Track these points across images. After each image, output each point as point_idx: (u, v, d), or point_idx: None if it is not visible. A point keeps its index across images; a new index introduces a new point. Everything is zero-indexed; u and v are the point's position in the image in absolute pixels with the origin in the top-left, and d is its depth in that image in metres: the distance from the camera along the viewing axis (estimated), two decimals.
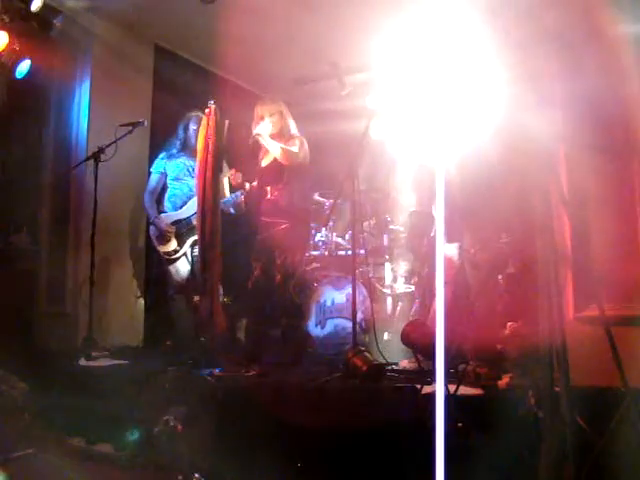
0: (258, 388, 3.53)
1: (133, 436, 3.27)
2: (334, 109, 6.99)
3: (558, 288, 2.75)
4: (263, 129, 4.48)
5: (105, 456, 3.48)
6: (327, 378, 3.52)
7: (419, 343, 3.74)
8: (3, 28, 4.68)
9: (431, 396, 2.98)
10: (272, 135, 4.53)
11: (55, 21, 5.06)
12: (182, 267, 5.11)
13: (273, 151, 4.52)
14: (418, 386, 3.04)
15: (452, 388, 2.97)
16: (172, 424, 2.89)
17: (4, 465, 3.30)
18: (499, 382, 3.45)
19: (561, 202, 2.80)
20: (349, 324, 5.15)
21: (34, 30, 4.95)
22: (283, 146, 4.49)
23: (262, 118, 4.59)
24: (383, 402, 3.05)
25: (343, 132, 6.63)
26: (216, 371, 3.92)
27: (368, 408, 3.03)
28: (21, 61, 4.93)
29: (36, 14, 4.84)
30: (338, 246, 5.59)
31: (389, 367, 3.79)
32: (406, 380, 3.45)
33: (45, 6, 4.83)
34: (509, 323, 3.80)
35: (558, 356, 2.68)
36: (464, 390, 3.16)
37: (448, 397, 2.99)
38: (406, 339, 3.85)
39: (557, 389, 2.59)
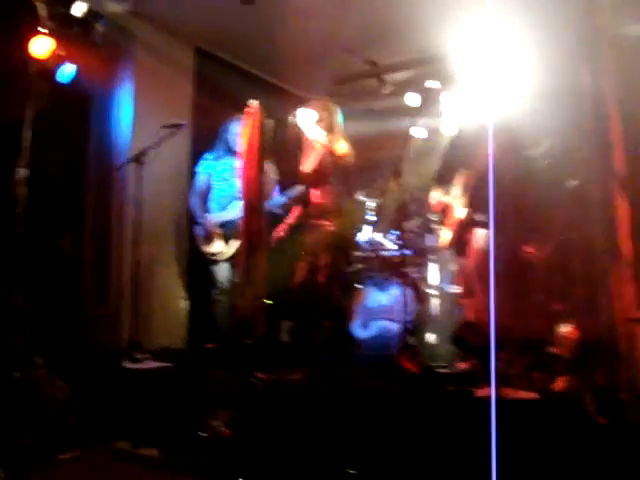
0: (305, 392, 3.46)
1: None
2: (375, 108, 6.93)
3: (619, 286, 2.64)
4: (305, 114, 4.39)
5: (151, 460, 3.45)
6: (375, 381, 3.42)
7: (474, 344, 3.64)
8: (48, 34, 4.72)
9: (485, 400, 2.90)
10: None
11: (98, 25, 5.07)
12: (227, 268, 5.09)
13: (309, 135, 4.42)
14: (471, 389, 2.94)
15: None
16: (219, 428, 2.84)
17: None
18: (554, 386, 3.33)
19: (621, 191, 2.67)
20: (394, 326, 5.05)
21: (77, 35, 4.99)
22: (326, 135, 4.39)
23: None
24: (436, 406, 2.95)
25: (385, 131, 6.62)
26: (261, 374, 3.87)
27: (420, 412, 2.93)
28: (65, 66, 4.97)
29: (79, 19, 4.88)
30: (382, 246, 5.50)
31: (440, 370, 3.68)
32: (459, 383, 3.34)
33: (88, 11, 4.87)
34: (564, 324, 3.67)
35: (621, 360, 2.56)
36: (518, 394, 3.06)
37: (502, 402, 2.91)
38: (460, 340, 3.75)
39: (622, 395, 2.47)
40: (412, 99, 6.32)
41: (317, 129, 4.37)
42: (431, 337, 5.04)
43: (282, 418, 3.20)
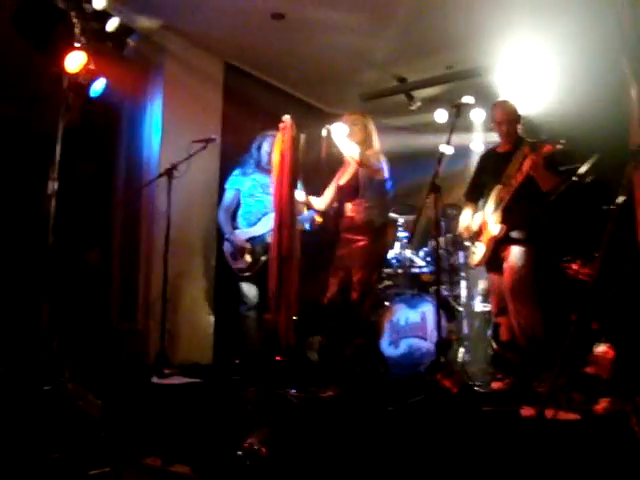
0: (340, 409, 3.40)
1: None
2: (403, 124, 6.91)
3: None
4: (337, 127, 4.30)
5: (182, 477, 3.39)
6: (411, 400, 3.35)
7: (513, 363, 3.57)
8: (81, 49, 4.75)
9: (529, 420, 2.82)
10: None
11: (129, 40, 5.09)
12: (255, 284, 5.05)
13: (342, 148, 4.37)
14: (513, 409, 2.86)
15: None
16: (256, 447, 2.77)
17: None
18: (596, 407, 3.25)
19: None
20: (424, 344, 5.00)
21: (108, 49, 5.02)
22: (356, 148, 4.33)
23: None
24: (477, 426, 2.88)
25: (411, 147, 6.59)
26: (291, 391, 3.81)
27: (461, 432, 2.86)
28: (96, 80, 4.99)
29: (112, 34, 4.90)
30: (412, 263, 5.46)
31: (477, 389, 3.60)
32: (499, 403, 3.26)
33: (121, 26, 4.90)
34: (605, 343, 3.60)
35: None
36: (559, 415, 2.98)
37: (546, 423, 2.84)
38: (498, 359, 3.68)
39: None
40: (441, 115, 6.30)
41: (349, 143, 4.32)
42: (462, 355, 4.99)
43: (318, 436, 3.13)
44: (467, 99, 4.04)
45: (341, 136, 4.28)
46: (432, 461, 2.71)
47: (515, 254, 4.08)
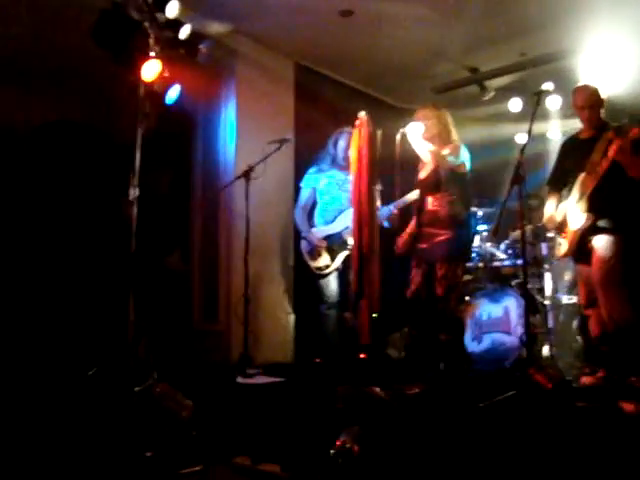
0: (429, 407, 3.35)
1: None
2: (475, 116, 6.79)
3: None
4: (411, 128, 4.26)
5: (272, 476, 3.41)
6: (502, 397, 3.28)
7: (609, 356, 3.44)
8: (155, 57, 4.85)
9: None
10: (424, 137, 4.32)
11: (201, 46, 5.18)
12: (334, 282, 5.06)
13: (417, 150, 4.31)
14: (615, 405, 2.76)
15: None
16: (348, 445, 2.76)
17: None
18: None
19: None
20: (507, 339, 4.90)
21: (182, 57, 5.11)
22: (431, 147, 4.28)
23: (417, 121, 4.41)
24: (577, 424, 2.79)
25: (485, 139, 6.46)
26: (377, 389, 3.78)
27: (560, 430, 2.77)
28: (171, 87, 5.09)
29: (184, 41, 4.99)
30: (493, 256, 5.35)
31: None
32: (594, 398, 3.16)
33: (193, 33, 4.98)
34: None
35: None
36: None
37: None
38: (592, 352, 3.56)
39: None
40: (515, 104, 6.16)
41: (424, 144, 4.26)
42: (547, 349, 4.85)
43: (409, 433, 3.09)
44: (547, 85, 3.92)
45: (416, 137, 4.23)
46: (527, 459, 2.64)
47: (603, 244, 3.94)
